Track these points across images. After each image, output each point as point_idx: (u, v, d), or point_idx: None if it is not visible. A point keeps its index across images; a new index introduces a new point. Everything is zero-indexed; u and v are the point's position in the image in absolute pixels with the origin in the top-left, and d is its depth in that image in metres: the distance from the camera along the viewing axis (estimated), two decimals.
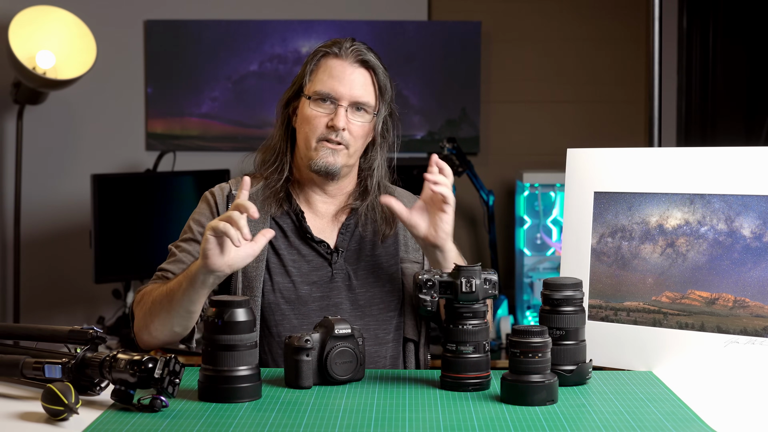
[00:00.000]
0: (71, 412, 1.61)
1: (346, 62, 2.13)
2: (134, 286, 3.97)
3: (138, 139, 4.30)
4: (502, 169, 4.29)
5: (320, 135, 2.10)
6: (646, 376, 1.94)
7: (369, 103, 2.13)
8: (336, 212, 2.20)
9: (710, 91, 4.17)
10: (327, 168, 2.11)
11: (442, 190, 2.01)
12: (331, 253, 2.15)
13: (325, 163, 2.10)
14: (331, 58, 2.14)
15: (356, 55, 2.13)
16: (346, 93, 2.11)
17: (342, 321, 1.87)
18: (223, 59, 4.25)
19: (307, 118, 2.12)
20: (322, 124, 2.10)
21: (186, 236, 2.15)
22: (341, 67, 2.12)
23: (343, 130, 2.10)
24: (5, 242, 4.23)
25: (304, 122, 2.13)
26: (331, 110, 2.11)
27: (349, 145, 2.12)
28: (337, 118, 2.09)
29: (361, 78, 2.13)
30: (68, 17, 3.91)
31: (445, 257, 2.06)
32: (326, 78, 2.12)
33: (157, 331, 2.02)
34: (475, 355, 1.80)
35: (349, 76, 2.12)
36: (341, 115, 2.10)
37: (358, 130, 2.12)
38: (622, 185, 2.08)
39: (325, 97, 2.11)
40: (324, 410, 1.69)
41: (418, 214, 2.05)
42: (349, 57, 2.13)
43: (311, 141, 2.11)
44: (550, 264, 3.91)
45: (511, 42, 4.31)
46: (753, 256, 1.93)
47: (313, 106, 2.12)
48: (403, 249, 2.20)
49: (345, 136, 2.10)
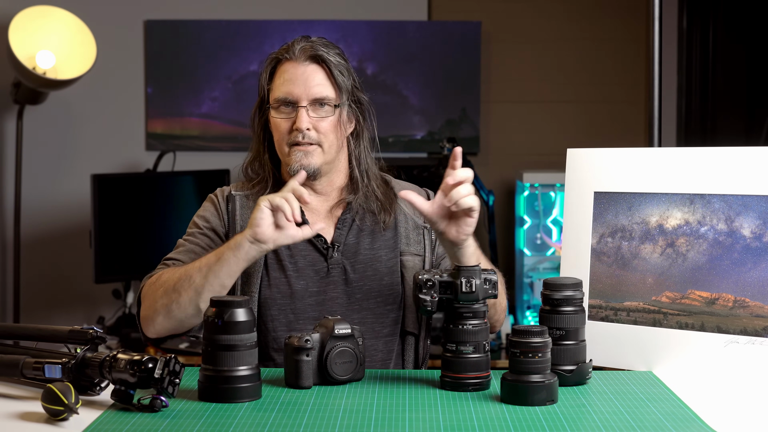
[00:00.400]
0: (71, 412, 1.61)
1: (298, 62, 2.14)
2: (134, 286, 3.97)
3: (138, 139, 4.30)
4: (502, 169, 4.29)
5: (289, 140, 2.13)
6: (646, 376, 1.94)
7: (328, 97, 2.14)
8: (331, 207, 2.20)
9: (710, 91, 4.17)
10: (305, 170, 2.12)
11: (469, 202, 1.94)
12: (327, 247, 2.15)
13: (300, 165, 2.12)
14: (284, 63, 2.15)
15: (306, 52, 2.14)
16: (302, 93, 2.12)
17: (342, 321, 1.87)
18: (223, 59, 4.25)
19: (274, 126, 2.15)
20: (286, 128, 2.13)
21: (192, 230, 2.19)
22: (293, 68, 2.14)
23: (308, 130, 2.11)
24: (5, 242, 4.23)
25: (274, 131, 2.16)
26: (293, 113, 2.12)
27: (321, 143, 2.13)
28: (299, 120, 2.11)
29: (315, 74, 2.14)
30: (68, 17, 3.91)
31: (463, 253, 2.02)
32: (281, 83, 2.14)
33: (174, 313, 2.01)
34: (475, 355, 1.80)
35: (302, 76, 2.13)
36: (302, 116, 2.11)
37: (326, 126, 2.13)
38: (622, 185, 2.08)
39: (284, 102, 2.13)
40: (324, 410, 1.69)
41: (438, 212, 1.99)
42: (299, 56, 2.14)
43: (283, 147, 2.14)
44: (550, 264, 3.91)
45: (511, 42, 4.31)
46: (753, 256, 1.93)
47: (276, 114, 2.14)
48: (403, 242, 2.20)
49: (312, 135, 2.12)
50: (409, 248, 2.20)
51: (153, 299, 2.05)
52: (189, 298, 2.00)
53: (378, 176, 2.23)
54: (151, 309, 2.05)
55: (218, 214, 2.18)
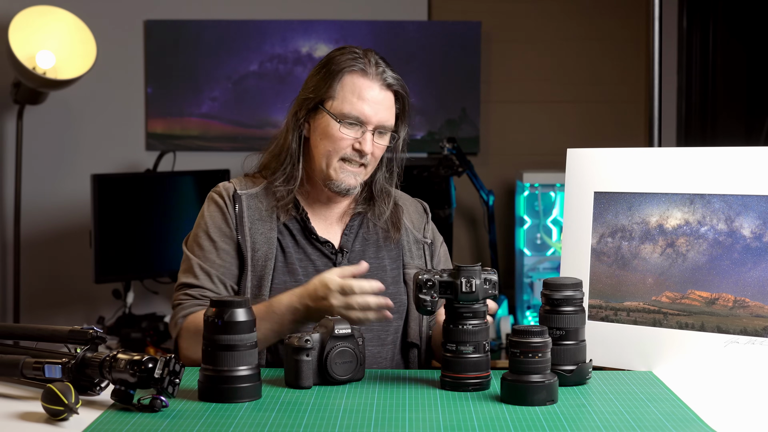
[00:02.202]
0: (71, 412, 1.61)
1: (375, 84, 2.11)
2: (134, 286, 3.97)
3: (138, 139, 4.30)
4: (502, 169, 4.29)
5: (344, 155, 2.11)
6: (646, 376, 1.94)
7: (392, 127, 2.15)
8: (341, 215, 2.20)
9: (710, 91, 4.17)
10: (348, 190, 2.13)
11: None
12: (336, 253, 2.15)
13: (347, 186, 2.12)
14: (358, 77, 2.11)
15: (383, 77, 2.11)
16: (374, 118, 2.10)
17: (342, 321, 1.87)
18: (223, 59, 4.25)
19: (332, 137, 2.11)
20: (347, 145, 2.10)
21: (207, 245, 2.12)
22: (371, 89, 2.11)
23: (369, 154, 2.11)
24: (5, 242, 4.23)
25: (327, 140, 2.11)
26: (358, 132, 2.10)
27: (369, 165, 2.14)
28: (365, 143, 2.09)
29: (388, 102, 2.13)
30: (68, 17, 3.91)
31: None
32: (355, 99, 2.10)
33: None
34: (475, 355, 1.80)
35: (382, 102, 2.11)
36: (369, 140, 2.10)
37: (380, 153, 2.15)
38: (622, 185, 2.08)
39: (353, 120, 2.10)
40: (324, 410, 1.69)
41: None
42: (376, 79, 2.11)
43: (333, 160, 2.11)
44: (550, 264, 3.91)
45: (511, 42, 4.31)
46: (753, 256, 1.93)
47: (342, 128, 2.10)
48: (407, 255, 2.21)
49: (369, 159, 2.12)
50: (413, 261, 2.21)
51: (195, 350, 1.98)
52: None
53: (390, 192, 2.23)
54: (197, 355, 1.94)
55: (227, 219, 2.14)
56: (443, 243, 2.30)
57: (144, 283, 4.05)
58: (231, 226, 2.14)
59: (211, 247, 2.12)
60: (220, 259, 2.11)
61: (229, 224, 2.14)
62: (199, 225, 2.16)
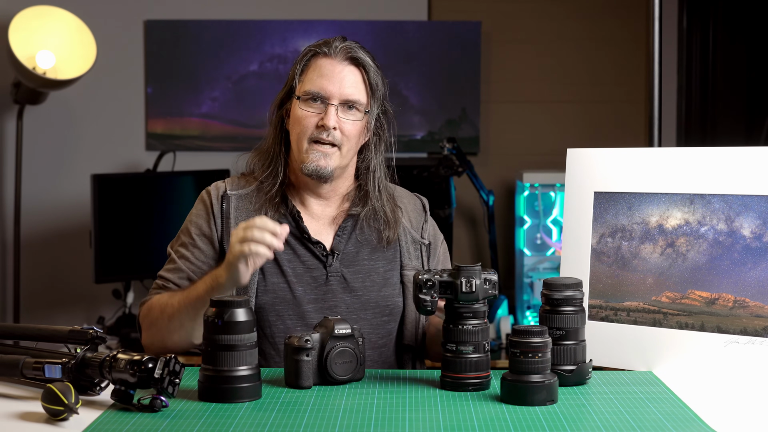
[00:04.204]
0: (71, 412, 1.61)
1: (336, 60, 2.11)
2: (134, 286, 3.98)
3: (138, 139, 4.30)
4: (502, 169, 4.29)
5: (311, 135, 2.09)
6: (646, 376, 1.94)
7: (360, 101, 2.11)
8: (335, 215, 2.18)
9: (710, 91, 4.17)
10: (318, 171, 2.09)
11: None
12: (327, 255, 2.14)
13: (317, 166, 2.09)
14: (321, 57, 2.12)
15: (346, 52, 2.11)
16: (336, 91, 2.09)
17: (342, 321, 1.87)
18: (223, 59, 4.25)
19: (297, 118, 2.11)
20: (312, 123, 2.09)
21: (185, 240, 2.15)
22: (331, 65, 2.10)
23: (334, 129, 2.08)
24: (5, 242, 4.23)
25: (295, 123, 2.12)
26: (322, 109, 2.09)
27: (342, 145, 2.10)
28: (327, 117, 2.07)
29: (352, 76, 2.11)
30: (68, 17, 3.91)
31: None
32: (316, 77, 2.10)
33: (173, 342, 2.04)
34: (475, 355, 1.81)
35: (339, 74, 2.10)
36: (331, 113, 2.08)
37: (351, 129, 2.10)
38: (622, 185, 2.08)
39: (315, 97, 2.09)
40: (324, 410, 1.69)
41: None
42: (338, 55, 2.11)
43: (302, 142, 2.10)
44: (550, 264, 3.91)
45: (511, 42, 4.31)
46: (753, 256, 1.93)
47: (303, 106, 2.10)
48: (406, 256, 2.19)
49: (336, 136, 2.08)
50: (411, 262, 2.19)
51: (149, 332, 2.08)
52: (181, 338, 2.03)
53: (388, 190, 2.21)
54: (148, 341, 2.09)
55: (210, 218, 2.14)
56: (443, 242, 2.29)
57: (144, 283, 4.05)
58: (212, 226, 2.13)
59: (188, 244, 2.14)
60: (193, 257, 2.13)
61: (211, 224, 2.14)
62: (185, 221, 2.19)
